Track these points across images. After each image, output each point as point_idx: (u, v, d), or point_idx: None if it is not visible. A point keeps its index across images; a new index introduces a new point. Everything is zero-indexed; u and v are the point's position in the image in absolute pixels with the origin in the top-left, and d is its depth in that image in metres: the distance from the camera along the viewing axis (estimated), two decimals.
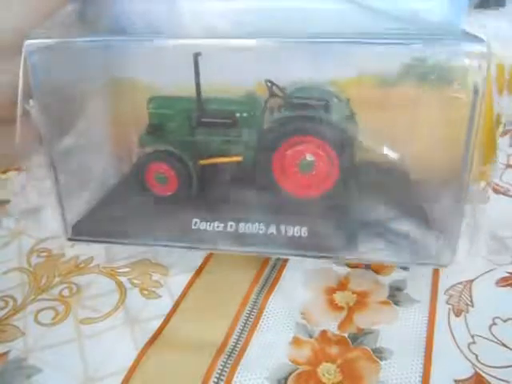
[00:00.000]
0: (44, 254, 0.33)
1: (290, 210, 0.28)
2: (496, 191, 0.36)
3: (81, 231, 0.30)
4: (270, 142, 0.27)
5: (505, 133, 0.43)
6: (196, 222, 0.28)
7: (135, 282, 0.31)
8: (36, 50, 0.25)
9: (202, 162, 0.29)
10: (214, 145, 0.28)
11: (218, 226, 0.28)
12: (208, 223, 0.28)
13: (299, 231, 0.27)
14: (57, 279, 0.31)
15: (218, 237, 0.28)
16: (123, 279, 0.31)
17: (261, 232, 0.28)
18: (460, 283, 0.30)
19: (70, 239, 0.31)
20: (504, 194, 0.36)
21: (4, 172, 0.40)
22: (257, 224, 0.28)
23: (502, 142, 0.42)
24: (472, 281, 0.30)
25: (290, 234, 0.27)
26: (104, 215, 0.31)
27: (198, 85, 0.27)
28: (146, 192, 0.30)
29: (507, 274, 0.30)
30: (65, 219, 0.30)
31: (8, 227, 0.35)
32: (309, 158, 0.26)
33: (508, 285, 0.29)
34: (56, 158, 0.27)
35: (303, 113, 0.26)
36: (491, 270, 0.30)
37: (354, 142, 0.26)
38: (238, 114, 0.28)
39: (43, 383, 0.25)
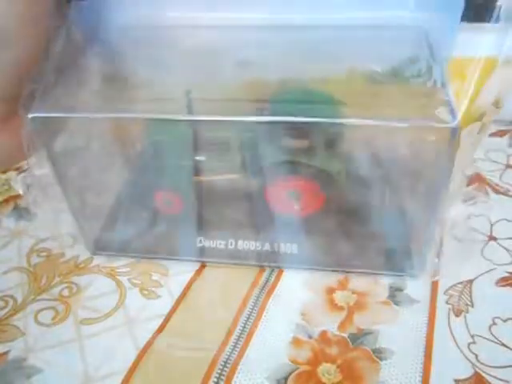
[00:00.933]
0: (44, 253, 0.33)
1: (282, 230, 0.30)
2: (496, 191, 0.36)
3: (101, 247, 0.33)
4: (261, 179, 0.30)
5: (504, 133, 0.43)
6: (201, 240, 0.31)
7: (135, 281, 0.31)
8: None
9: (200, 179, 0.31)
10: (211, 165, 0.31)
11: (220, 244, 0.31)
12: (211, 241, 0.31)
13: (290, 248, 0.30)
14: (57, 279, 0.31)
15: (220, 252, 0.31)
16: (123, 279, 0.31)
17: (258, 249, 0.31)
18: (460, 283, 0.30)
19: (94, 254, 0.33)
20: (504, 194, 0.36)
21: (4, 172, 0.40)
22: (253, 242, 0.31)
23: (502, 142, 0.42)
24: (472, 281, 0.30)
25: (282, 250, 0.31)
26: (119, 232, 0.33)
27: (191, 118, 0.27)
28: (154, 212, 0.32)
29: (507, 274, 0.30)
30: (86, 236, 0.32)
31: (8, 227, 0.35)
32: (296, 191, 0.29)
33: (508, 284, 0.29)
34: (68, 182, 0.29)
35: (291, 157, 0.28)
36: (491, 270, 0.30)
37: (340, 178, 0.29)
38: (231, 140, 0.29)
39: (43, 383, 0.25)
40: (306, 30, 0.29)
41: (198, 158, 0.30)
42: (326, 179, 0.29)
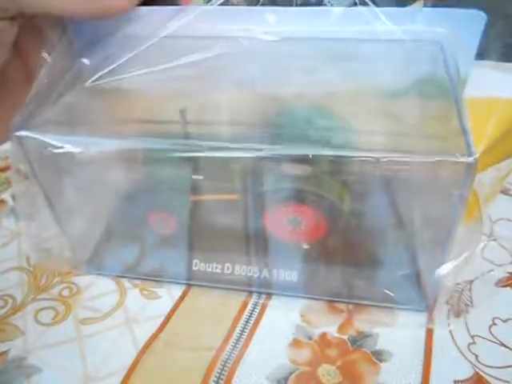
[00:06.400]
0: (44, 253, 0.33)
1: (281, 256, 0.29)
2: None
3: (93, 267, 0.32)
4: (261, 205, 0.29)
5: None
6: (196, 263, 0.30)
7: (135, 282, 0.31)
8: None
9: (196, 198, 0.30)
10: (208, 185, 0.29)
11: (216, 268, 0.30)
12: (207, 264, 0.30)
13: (290, 275, 0.29)
14: (56, 279, 0.31)
15: (216, 277, 0.30)
16: (123, 279, 0.31)
17: (255, 275, 0.30)
18: (460, 283, 0.30)
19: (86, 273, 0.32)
20: (504, 193, 0.36)
21: (3, 170, 0.40)
22: (251, 267, 0.29)
23: None
24: (472, 281, 0.30)
25: (281, 277, 0.29)
26: (113, 252, 0.32)
27: (186, 137, 0.27)
28: (148, 231, 0.31)
29: (507, 275, 0.30)
30: (76, 255, 0.31)
31: (8, 227, 0.35)
32: (297, 218, 0.28)
33: (508, 285, 0.29)
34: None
35: (292, 185, 0.27)
36: (491, 271, 0.30)
37: (342, 207, 0.28)
38: (230, 163, 0.28)
39: (43, 383, 0.25)
40: (316, 43, 0.27)
41: (194, 177, 0.28)
42: (328, 207, 0.28)
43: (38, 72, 0.25)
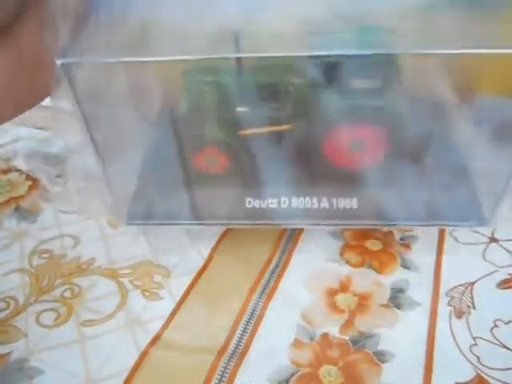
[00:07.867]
0: (46, 255, 0.33)
1: (340, 184, 0.28)
2: None
3: (135, 216, 0.30)
4: (322, 127, 0.27)
5: None
6: (250, 201, 0.28)
7: (137, 283, 0.31)
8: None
9: (245, 132, 0.28)
10: (259, 116, 0.27)
11: (271, 203, 0.28)
12: (261, 201, 0.28)
13: (350, 203, 0.28)
14: (58, 280, 0.31)
15: (272, 213, 0.28)
16: (125, 281, 0.31)
17: (314, 207, 0.28)
18: (461, 285, 0.30)
19: (128, 224, 0.30)
20: None
21: (5, 172, 0.40)
22: (309, 198, 0.28)
23: None
24: (473, 283, 0.30)
25: (341, 206, 0.28)
26: (156, 197, 0.30)
27: (239, 61, 0.25)
28: (196, 173, 0.29)
29: (509, 276, 0.30)
30: (117, 206, 0.29)
31: (9, 228, 0.35)
32: (360, 140, 0.26)
33: (510, 287, 0.29)
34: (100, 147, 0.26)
35: (357, 102, 0.26)
36: (493, 272, 0.30)
37: (406, 122, 0.26)
38: (283, 87, 0.26)
39: None
40: None
41: (242, 109, 0.26)
42: (391, 122, 0.26)
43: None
